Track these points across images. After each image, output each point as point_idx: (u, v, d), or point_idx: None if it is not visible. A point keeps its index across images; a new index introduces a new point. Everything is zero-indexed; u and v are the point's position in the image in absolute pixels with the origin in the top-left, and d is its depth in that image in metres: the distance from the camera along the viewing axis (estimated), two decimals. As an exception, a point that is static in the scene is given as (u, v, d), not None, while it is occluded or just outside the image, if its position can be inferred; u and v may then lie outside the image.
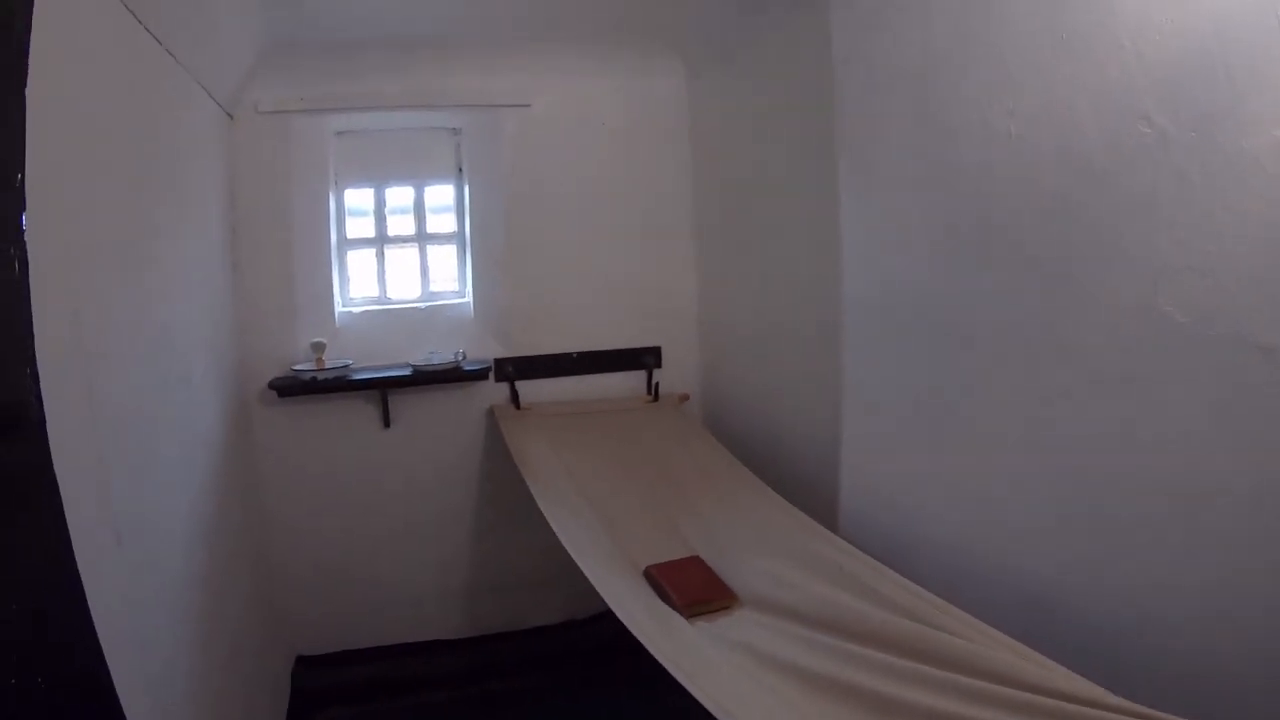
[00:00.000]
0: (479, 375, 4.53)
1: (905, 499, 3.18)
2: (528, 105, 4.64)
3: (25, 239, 1.39)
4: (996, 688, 2.00)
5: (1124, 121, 2.19)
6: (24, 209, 1.40)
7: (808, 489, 3.61)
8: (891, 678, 2.18)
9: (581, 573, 2.96)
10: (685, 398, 4.89)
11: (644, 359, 4.90)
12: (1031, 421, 2.59)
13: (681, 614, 2.77)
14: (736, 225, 4.50)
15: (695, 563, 3.12)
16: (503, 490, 4.66)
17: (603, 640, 4.48)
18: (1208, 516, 2.09)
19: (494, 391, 4.68)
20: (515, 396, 4.65)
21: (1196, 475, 2.11)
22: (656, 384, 4.87)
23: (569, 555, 3.07)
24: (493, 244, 4.74)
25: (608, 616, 2.72)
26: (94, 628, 1.58)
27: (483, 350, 4.67)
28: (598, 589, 2.86)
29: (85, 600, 1.60)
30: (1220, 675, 2.08)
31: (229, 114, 4.05)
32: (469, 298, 4.82)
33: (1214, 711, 1.81)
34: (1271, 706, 1.94)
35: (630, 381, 4.91)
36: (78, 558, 1.71)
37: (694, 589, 2.91)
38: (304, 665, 4.63)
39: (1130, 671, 2.21)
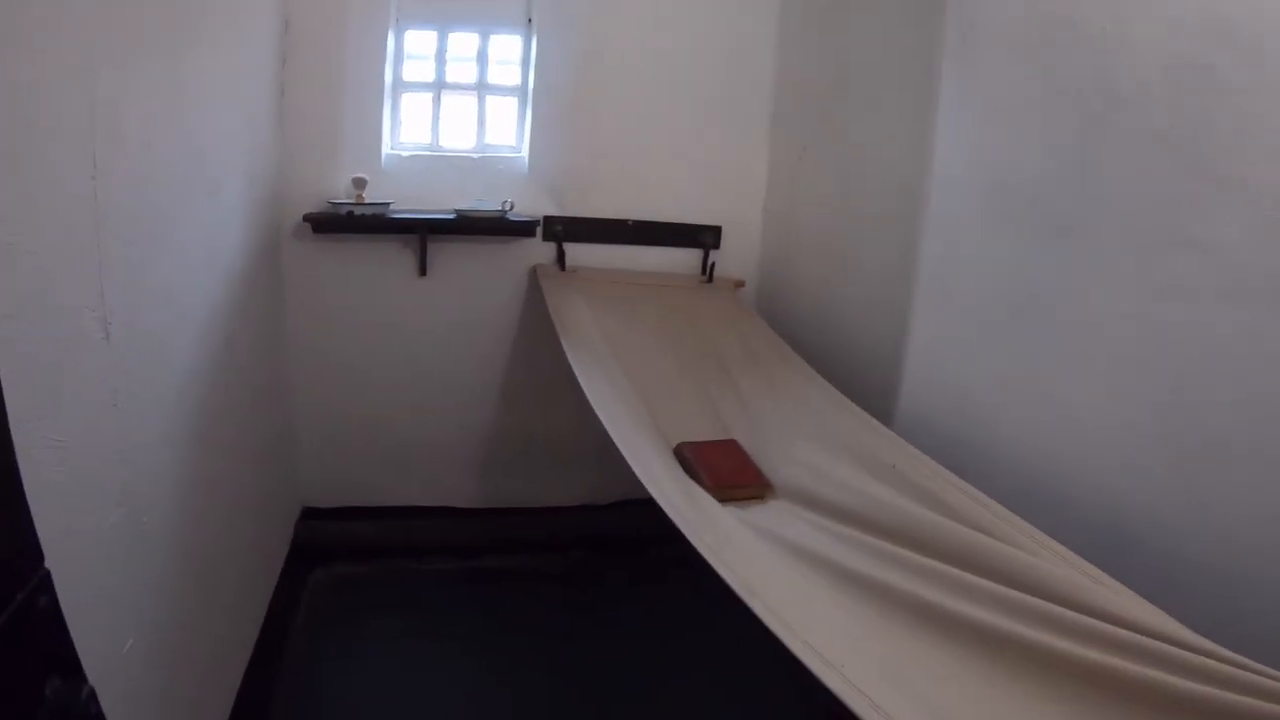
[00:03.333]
0: (525, 231, 4.36)
1: (975, 402, 2.96)
2: (610, -42, 4.37)
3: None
4: (1058, 609, 1.80)
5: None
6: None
7: (864, 384, 3.40)
8: (937, 585, 1.99)
9: (607, 456, 2.85)
10: (740, 284, 4.67)
11: (702, 237, 4.68)
12: (1140, 325, 2.33)
13: (712, 494, 2.61)
14: (823, 103, 4.23)
15: (731, 446, 2.95)
16: (536, 358, 4.58)
17: (619, 529, 4.63)
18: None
19: (540, 250, 4.51)
20: (562, 257, 4.46)
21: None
22: (712, 264, 4.66)
23: (596, 436, 2.94)
24: (556, 99, 4.51)
25: (626, 505, 2.55)
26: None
27: (533, 207, 4.47)
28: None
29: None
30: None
31: (290, -69, 3.84)
32: (524, 153, 4.59)
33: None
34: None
35: (684, 258, 4.71)
36: (48, 335, 1.62)
37: (726, 472, 2.75)
38: (310, 517, 4.56)
39: (1211, 607, 1.97)
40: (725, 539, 2.29)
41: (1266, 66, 1.97)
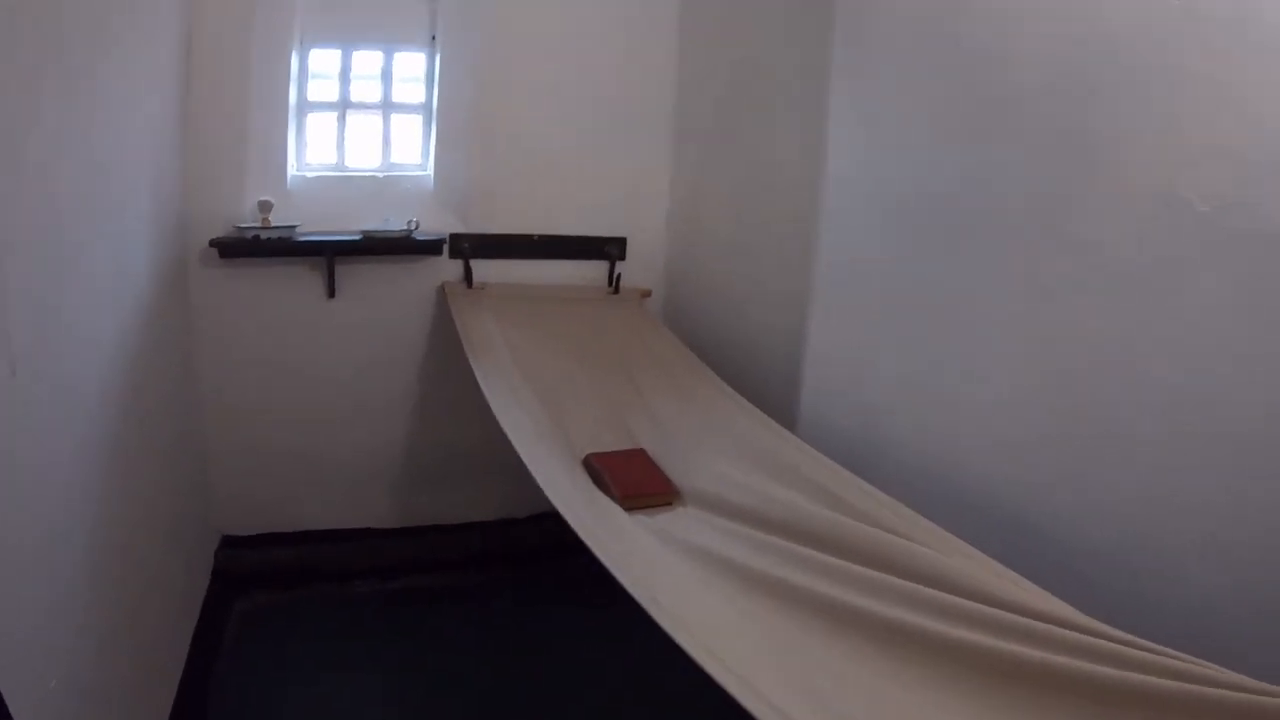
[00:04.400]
0: (432, 249, 4.39)
1: (874, 403, 3.10)
2: (510, -26, 4.41)
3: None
4: (960, 600, 1.89)
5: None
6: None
7: (768, 389, 3.52)
8: (843, 583, 2.07)
9: (522, 469, 2.86)
10: (647, 294, 4.75)
11: (608, 249, 4.75)
12: (1030, 322, 2.48)
13: (619, 505, 2.68)
14: (721, 115, 4.35)
15: (639, 455, 3.03)
16: (448, 375, 4.50)
17: (539, 542, 4.71)
18: (1215, 430, 2.00)
19: (447, 268, 4.52)
20: (469, 274, 4.47)
21: (1207, 383, 2.02)
22: (618, 276, 4.73)
23: (510, 450, 2.96)
24: (460, 116, 4.54)
25: (545, 518, 2.62)
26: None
27: (439, 224, 4.49)
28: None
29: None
30: (1203, 603, 2.01)
31: (192, -44, 3.79)
32: (430, 170, 4.63)
33: (1191, 638, 1.68)
34: (1255, 635, 1.88)
35: (591, 271, 4.77)
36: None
37: (634, 481, 2.83)
38: (229, 546, 4.49)
39: (1113, 595, 2.11)
40: (630, 548, 2.36)
41: (1141, 77, 2.12)
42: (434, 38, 4.53)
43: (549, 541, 4.35)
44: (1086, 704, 1.58)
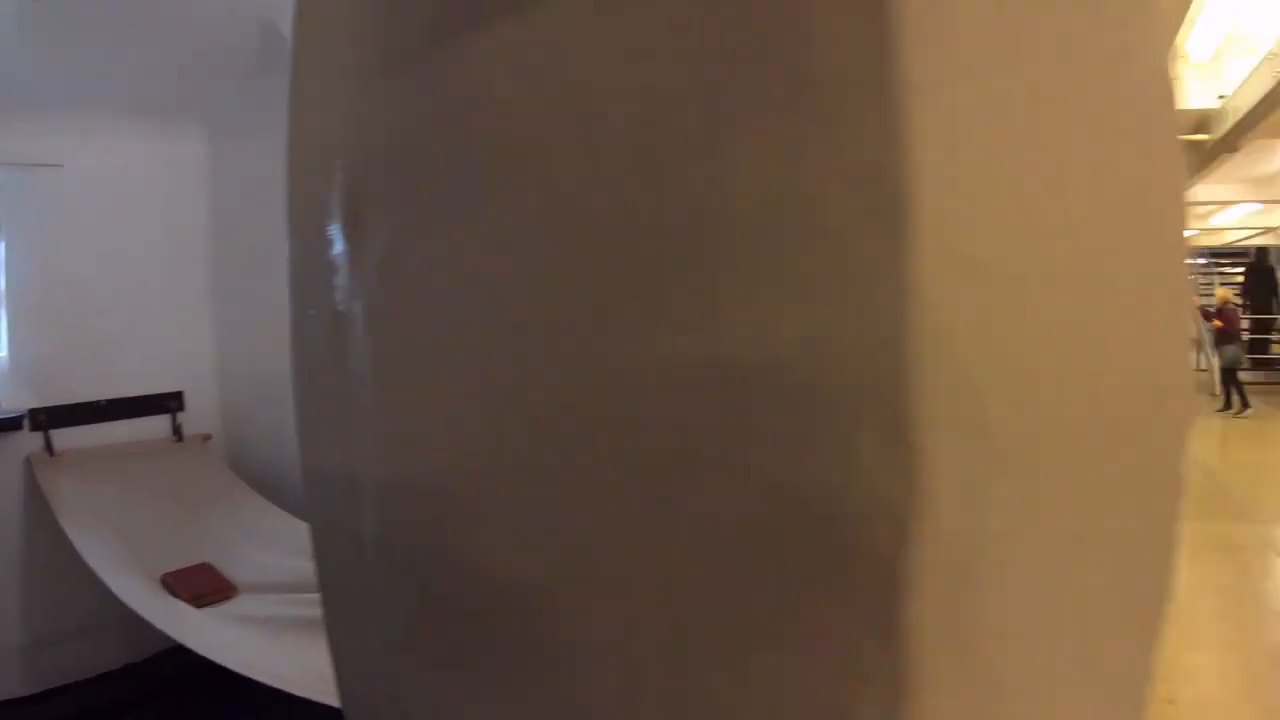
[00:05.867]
0: (13, 425, 4.68)
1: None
2: (60, 165, 4.94)
3: None
4: None
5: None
6: None
7: (294, 495, 4.49)
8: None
9: (136, 615, 3.52)
10: (207, 438, 5.47)
11: (167, 404, 5.38)
12: None
13: (191, 605, 3.64)
14: (249, 276, 5.21)
15: (203, 567, 3.98)
16: (48, 538, 4.51)
17: (163, 679, 4.59)
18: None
19: (31, 440, 4.78)
20: (49, 444, 4.85)
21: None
22: (179, 425, 5.41)
23: (119, 599, 3.61)
24: (28, 299, 5.01)
25: (165, 656, 3.36)
26: None
27: (18, 402, 4.84)
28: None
29: None
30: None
31: None
32: (4, 351, 5.01)
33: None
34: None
35: (157, 424, 5.34)
36: None
37: (198, 585, 3.79)
38: None
39: None
40: (203, 634, 3.34)
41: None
42: (-1, 227, 4.99)
43: (172, 676, 4.41)
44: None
